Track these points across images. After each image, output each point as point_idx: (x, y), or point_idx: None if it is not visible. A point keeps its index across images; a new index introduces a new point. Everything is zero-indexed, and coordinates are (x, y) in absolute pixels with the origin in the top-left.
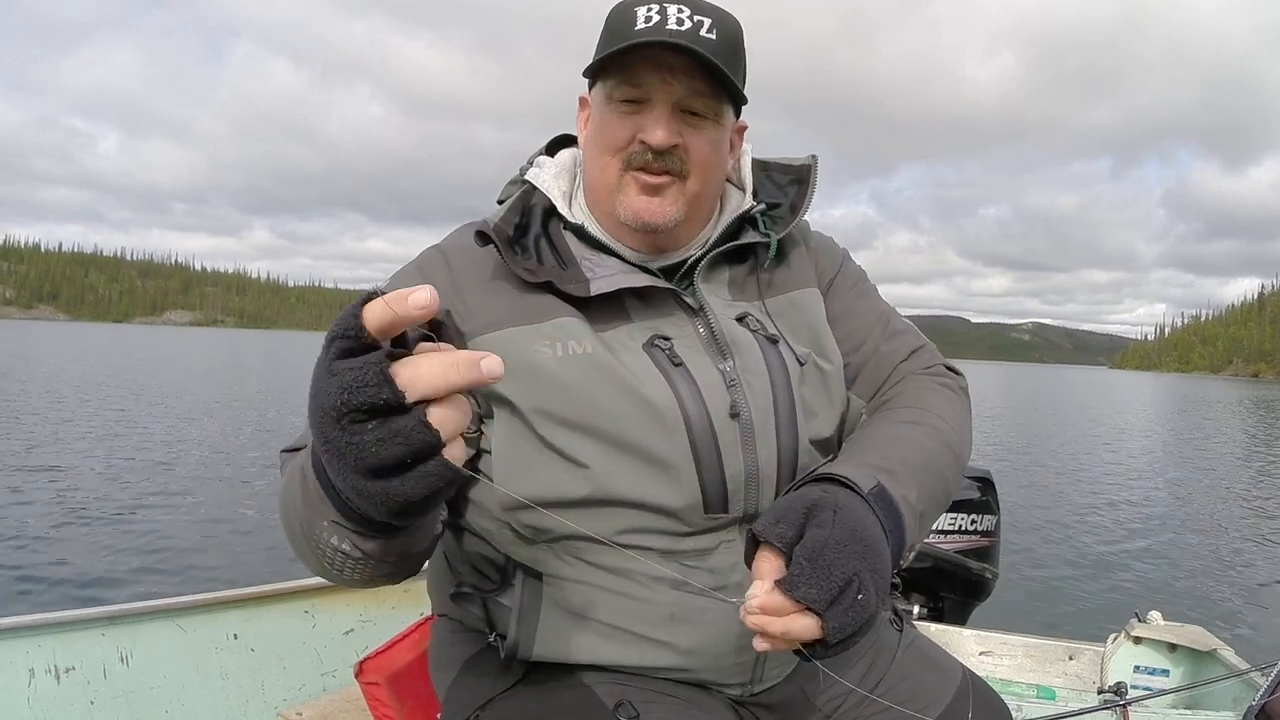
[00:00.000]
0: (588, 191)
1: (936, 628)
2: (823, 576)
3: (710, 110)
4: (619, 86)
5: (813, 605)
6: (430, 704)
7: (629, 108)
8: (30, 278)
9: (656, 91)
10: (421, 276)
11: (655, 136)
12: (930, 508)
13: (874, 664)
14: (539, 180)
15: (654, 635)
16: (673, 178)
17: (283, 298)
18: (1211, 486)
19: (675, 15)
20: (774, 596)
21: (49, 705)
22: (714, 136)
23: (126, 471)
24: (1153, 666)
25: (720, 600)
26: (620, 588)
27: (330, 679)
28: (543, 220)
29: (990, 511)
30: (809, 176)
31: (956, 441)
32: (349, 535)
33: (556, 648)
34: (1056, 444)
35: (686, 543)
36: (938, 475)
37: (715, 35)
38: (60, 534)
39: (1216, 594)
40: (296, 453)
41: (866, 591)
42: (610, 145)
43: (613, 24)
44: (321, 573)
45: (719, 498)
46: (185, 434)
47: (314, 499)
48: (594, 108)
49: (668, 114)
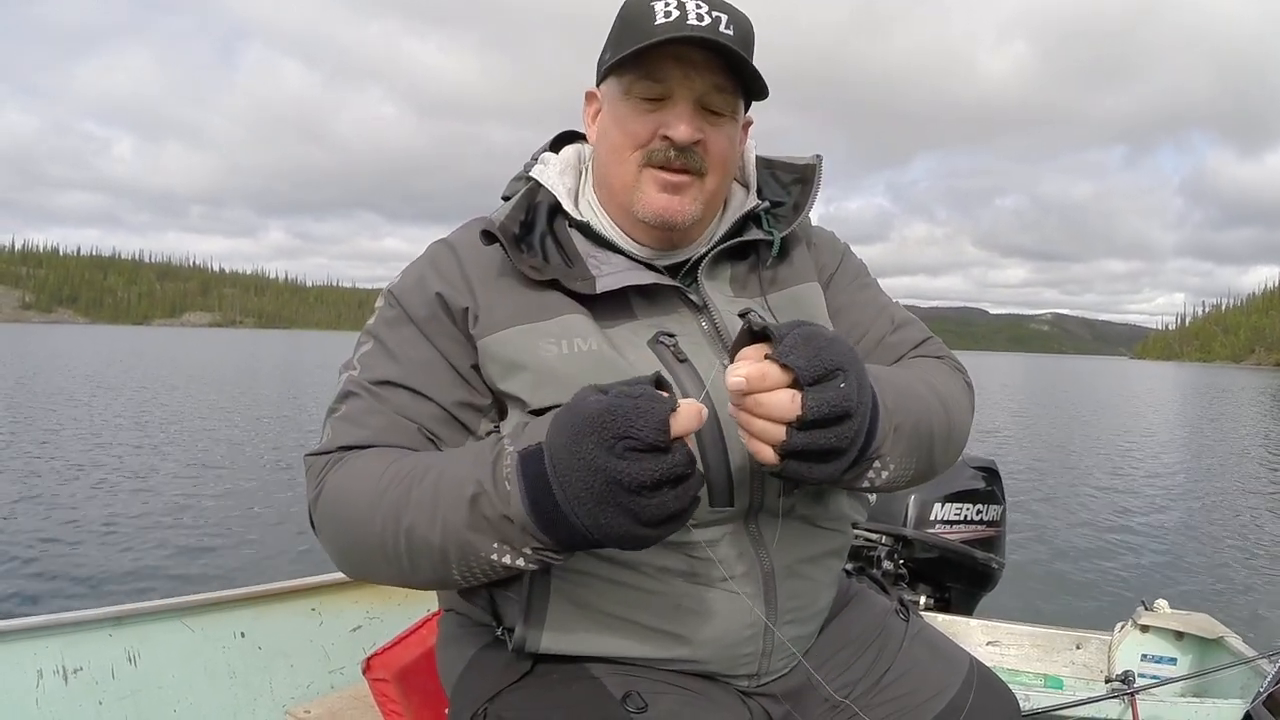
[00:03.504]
0: (599, 188)
1: (943, 618)
2: (813, 353)
3: (728, 106)
4: (639, 81)
5: (799, 373)
6: (438, 699)
7: (650, 105)
8: (49, 282)
9: (679, 87)
10: (433, 271)
11: (680, 132)
12: (905, 423)
13: (881, 653)
14: (544, 177)
15: (662, 627)
16: (692, 176)
17: (301, 298)
18: (1220, 475)
19: (695, 11)
20: (763, 364)
21: (57, 706)
22: (731, 133)
23: (133, 472)
24: (1160, 655)
25: (730, 592)
26: (627, 580)
27: (338, 676)
28: (548, 217)
29: (996, 501)
30: (813, 176)
31: (947, 398)
32: (543, 557)
33: (564, 641)
34: (1065, 434)
35: (692, 535)
36: (919, 405)
37: (733, 32)
38: (67, 535)
39: (1224, 582)
40: (322, 457)
41: (849, 386)
42: (630, 141)
43: (630, 18)
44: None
45: (724, 491)
46: (194, 434)
47: (499, 528)
48: (608, 103)
49: (691, 110)
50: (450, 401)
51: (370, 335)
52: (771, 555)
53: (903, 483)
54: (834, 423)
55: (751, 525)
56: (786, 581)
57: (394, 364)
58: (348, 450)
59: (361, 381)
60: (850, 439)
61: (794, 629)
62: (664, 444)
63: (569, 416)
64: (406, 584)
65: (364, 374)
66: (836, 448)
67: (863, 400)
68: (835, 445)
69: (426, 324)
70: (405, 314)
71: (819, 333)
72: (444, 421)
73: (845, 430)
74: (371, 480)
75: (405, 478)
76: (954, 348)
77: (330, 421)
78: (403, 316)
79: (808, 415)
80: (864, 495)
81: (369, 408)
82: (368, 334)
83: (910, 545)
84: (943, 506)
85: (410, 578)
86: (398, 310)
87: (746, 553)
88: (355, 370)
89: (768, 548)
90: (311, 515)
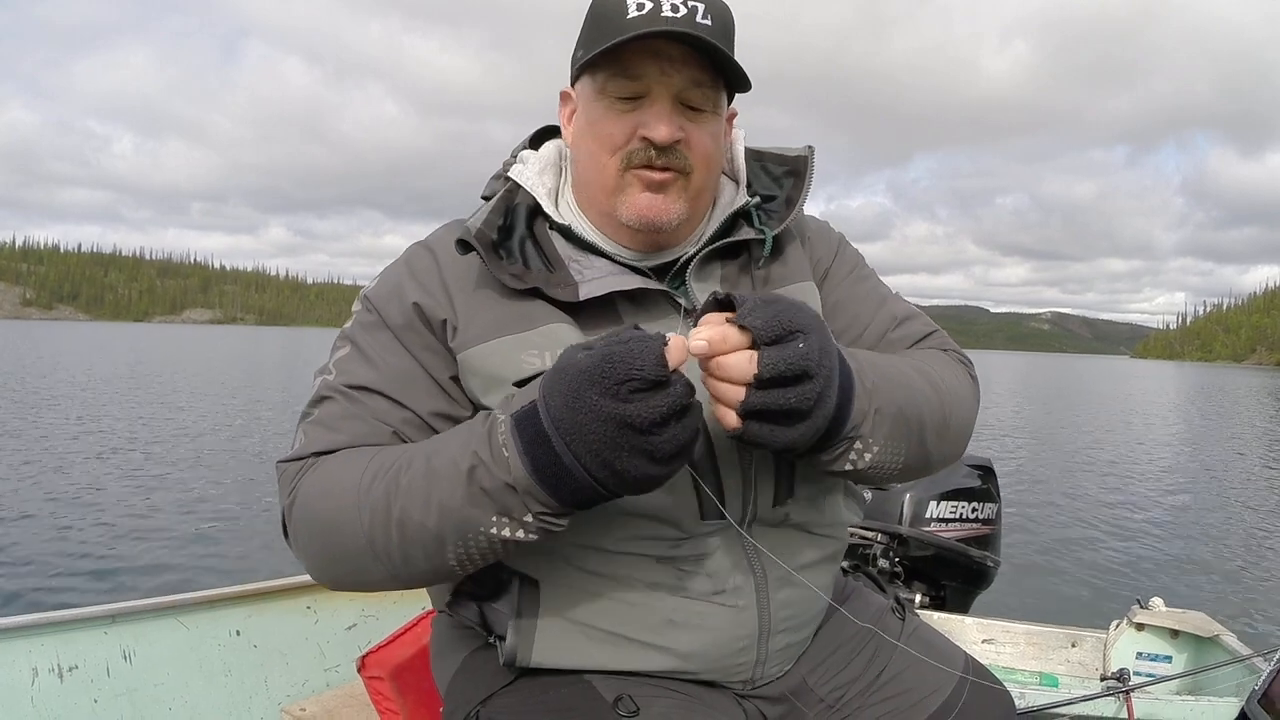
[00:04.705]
0: (579, 190)
1: (939, 616)
2: (771, 315)
3: (709, 101)
4: (613, 80)
5: (755, 333)
6: (433, 697)
7: (626, 104)
8: (50, 278)
9: (656, 84)
10: (411, 278)
11: (659, 133)
12: (888, 406)
13: (876, 653)
14: (523, 178)
15: (653, 641)
16: (676, 174)
17: (302, 295)
18: (1219, 474)
19: (669, 3)
20: (723, 327)
21: (52, 704)
22: (714, 129)
23: (128, 469)
24: (1155, 653)
25: (723, 605)
26: (618, 594)
27: (334, 674)
28: (527, 220)
29: (991, 499)
30: (805, 169)
31: (943, 387)
32: (544, 524)
33: (554, 655)
34: (1062, 432)
35: (683, 548)
36: (907, 390)
37: (710, 21)
38: (62, 533)
39: (1219, 580)
40: (296, 463)
41: (809, 347)
42: (608, 144)
43: (601, 13)
44: (430, 568)
45: (715, 504)
46: (188, 431)
47: (499, 498)
48: (583, 102)
49: (669, 108)
50: (428, 411)
51: (347, 339)
52: (765, 566)
53: (892, 470)
54: (792, 382)
55: (745, 538)
56: (781, 591)
57: (371, 369)
58: (321, 455)
59: (337, 386)
60: (811, 400)
61: (788, 636)
62: (665, 378)
63: (562, 375)
64: (394, 580)
65: (340, 378)
66: (797, 408)
67: (825, 364)
68: (795, 406)
69: (403, 332)
70: (382, 320)
71: (781, 298)
72: (421, 429)
73: (805, 391)
74: (354, 476)
75: (391, 467)
76: None
77: (303, 426)
78: (380, 323)
79: (763, 373)
80: (859, 494)
81: (345, 412)
82: (345, 338)
83: (905, 543)
84: (938, 504)
85: (400, 572)
86: (375, 316)
87: (740, 564)
88: (331, 375)
89: (761, 558)
90: (285, 523)
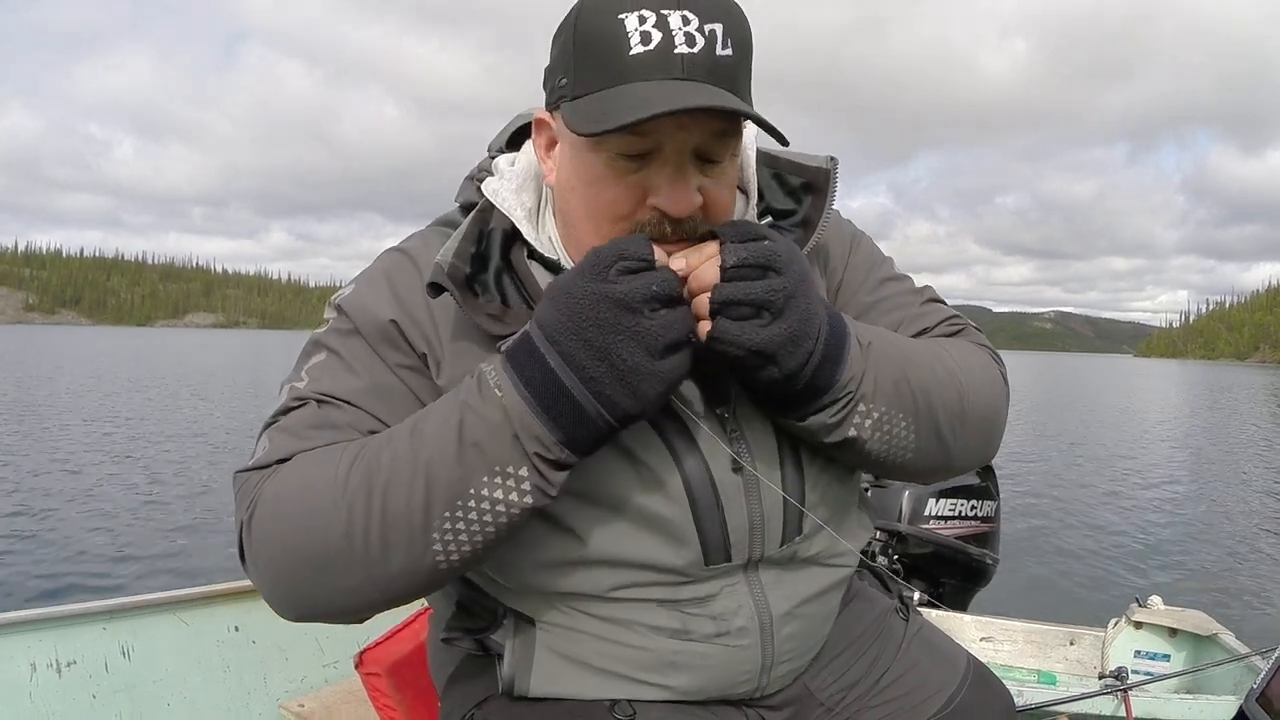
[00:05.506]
0: (567, 232)
1: (937, 614)
2: (744, 228)
3: (730, 150)
4: (615, 134)
5: (723, 237)
6: (430, 694)
7: (630, 163)
8: (52, 283)
9: (669, 140)
10: (390, 292)
11: (678, 208)
12: (888, 372)
13: (880, 654)
14: (499, 198)
15: (654, 680)
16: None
17: (304, 298)
18: (1218, 473)
19: (682, 31)
20: (700, 246)
21: (51, 699)
22: (733, 176)
23: (128, 467)
24: (1154, 651)
25: (724, 646)
26: (616, 637)
27: (332, 670)
28: (503, 246)
29: (990, 497)
30: (826, 184)
31: (957, 370)
32: (540, 473)
33: (553, 686)
34: (1062, 431)
35: (686, 591)
36: (910, 362)
37: (732, 50)
38: (61, 529)
39: (1217, 579)
40: (257, 471)
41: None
42: (609, 211)
43: (592, 42)
44: (412, 559)
45: (720, 550)
46: (190, 430)
47: (492, 447)
48: (571, 148)
49: (686, 170)
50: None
51: (321, 346)
52: (771, 604)
53: (903, 449)
54: (759, 276)
55: (751, 576)
56: (787, 626)
57: (346, 378)
58: (286, 462)
59: (308, 393)
60: (779, 294)
61: (792, 663)
62: (651, 259)
63: (550, 288)
64: (370, 584)
65: (311, 385)
66: (766, 300)
67: (795, 267)
68: (763, 297)
69: (381, 346)
70: (357, 330)
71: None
72: None
73: (773, 284)
74: (330, 471)
75: (372, 448)
76: None
77: (267, 433)
78: (355, 332)
79: (726, 260)
80: (871, 507)
81: (315, 420)
82: (318, 344)
83: (904, 540)
84: (937, 502)
85: (377, 571)
86: (350, 325)
87: (745, 605)
88: (302, 382)
89: (767, 597)
90: (242, 541)
